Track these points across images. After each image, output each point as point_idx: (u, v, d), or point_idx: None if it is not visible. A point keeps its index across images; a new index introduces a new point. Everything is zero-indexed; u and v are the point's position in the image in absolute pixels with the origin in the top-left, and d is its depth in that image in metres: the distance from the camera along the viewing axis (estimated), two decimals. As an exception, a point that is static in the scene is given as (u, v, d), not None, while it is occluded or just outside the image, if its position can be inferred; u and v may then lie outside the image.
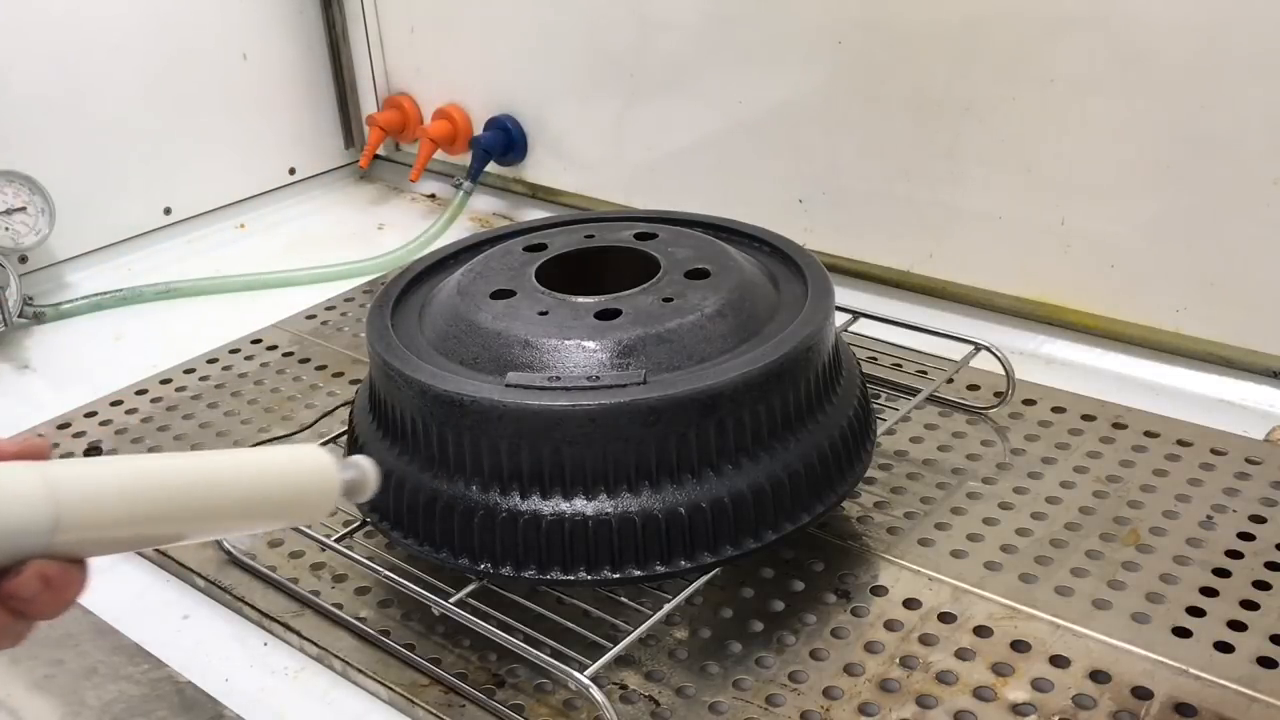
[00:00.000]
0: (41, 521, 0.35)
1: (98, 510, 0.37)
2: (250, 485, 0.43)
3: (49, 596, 0.36)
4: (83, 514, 0.36)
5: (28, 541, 0.35)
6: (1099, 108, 0.92)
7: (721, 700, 0.64)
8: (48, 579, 0.36)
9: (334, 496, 0.46)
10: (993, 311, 1.03)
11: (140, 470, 0.39)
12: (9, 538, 0.35)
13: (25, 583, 0.36)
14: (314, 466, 0.46)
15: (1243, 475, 0.80)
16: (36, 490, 0.35)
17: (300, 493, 0.45)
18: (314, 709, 0.68)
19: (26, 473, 0.36)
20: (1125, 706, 0.62)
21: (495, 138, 1.33)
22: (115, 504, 0.38)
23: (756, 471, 0.66)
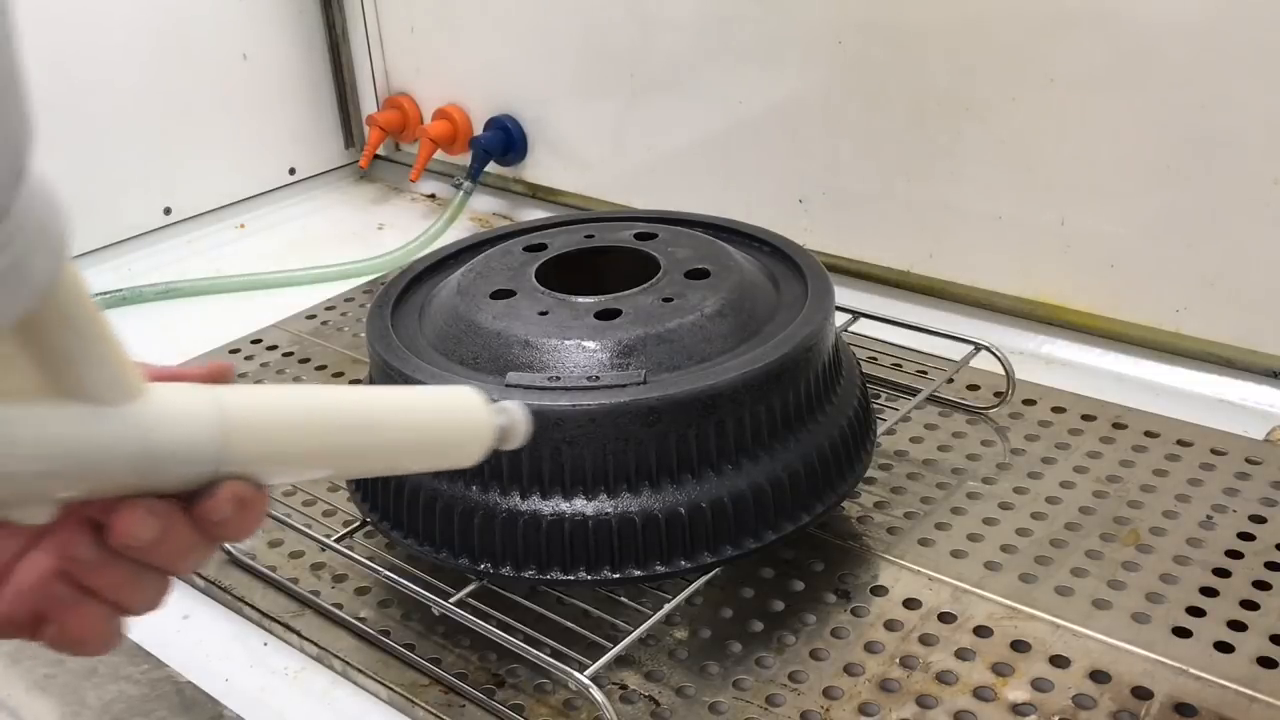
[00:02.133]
0: (213, 443, 0.35)
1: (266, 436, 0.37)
2: (411, 424, 0.43)
3: (241, 518, 0.36)
4: (252, 438, 0.36)
5: (201, 465, 0.35)
6: (1099, 108, 0.92)
7: (721, 700, 0.64)
8: (242, 500, 0.36)
9: (487, 442, 0.45)
10: (993, 311, 1.03)
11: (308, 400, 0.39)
12: (184, 459, 0.34)
13: (220, 503, 0.36)
14: (470, 410, 0.45)
15: (1243, 475, 0.80)
16: (208, 411, 0.35)
17: (456, 436, 0.44)
18: (314, 709, 0.68)
19: (198, 393, 0.36)
20: (1125, 706, 0.62)
21: (495, 138, 1.33)
22: (282, 431, 0.37)
23: (756, 471, 0.66)
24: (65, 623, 0.36)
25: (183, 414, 0.35)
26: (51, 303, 0.31)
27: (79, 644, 0.36)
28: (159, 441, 0.34)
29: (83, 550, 0.35)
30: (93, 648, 0.37)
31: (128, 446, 0.33)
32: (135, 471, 0.34)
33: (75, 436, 0.32)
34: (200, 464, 0.35)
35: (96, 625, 0.36)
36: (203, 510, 0.36)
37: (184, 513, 0.36)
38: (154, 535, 0.35)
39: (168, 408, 0.34)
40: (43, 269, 0.29)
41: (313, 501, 0.82)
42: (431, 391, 0.45)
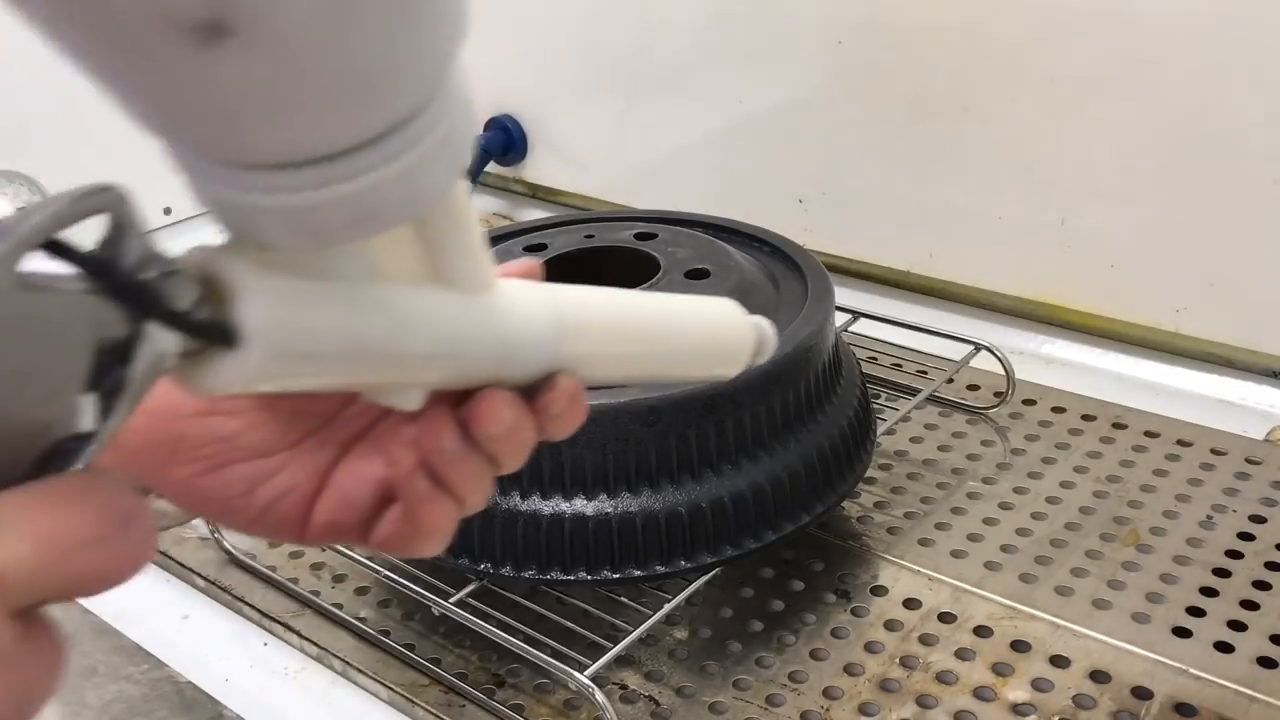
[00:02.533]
0: (553, 336, 0.36)
1: (591, 335, 0.38)
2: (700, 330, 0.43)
3: (571, 412, 0.37)
4: (580, 337, 0.37)
5: (543, 358, 0.36)
6: (1099, 108, 0.92)
7: (721, 700, 0.64)
8: (573, 395, 0.37)
9: (749, 353, 0.45)
10: (993, 311, 1.03)
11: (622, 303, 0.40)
12: (532, 350, 0.35)
13: (560, 395, 0.36)
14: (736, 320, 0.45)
15: (1243, 475, 0.80)
16: (550, 307, 0.36)
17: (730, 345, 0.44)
18: (314, 709, 0.68)
19: (538, 291, 0.36)
20: (1125, 706, 0.62)
21: (495, 138, 1.33)
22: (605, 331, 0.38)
23: (756, 471, 0.66)
24: (419, 516, 0.36)
25: (531, 306, 0.36)
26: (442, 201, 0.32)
27: (425, 538, 0.36)
28: (516, 330, 0.35)
29: (450, 441, 0.35)
30: (435, 543, 0.37)
31: (492, 333, 0.34)
32: (495, 357, 0.34)
33: (455, 321, 0.33)
34: (544, 354, 0.36)
35: (445, 518, 0.36)
36: (544, 402, 0.36)
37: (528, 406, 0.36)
38: (512, 422, 0.35)
39: (517, 301, 0.35)
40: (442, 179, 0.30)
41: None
42: (707, 301, 0.45)
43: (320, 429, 0.37)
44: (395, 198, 0.28)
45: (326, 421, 0.37)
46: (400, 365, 0.32)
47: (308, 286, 0.29)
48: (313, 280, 0.29)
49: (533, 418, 0.36)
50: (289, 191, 0.27)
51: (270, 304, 0.28)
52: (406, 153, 0.28)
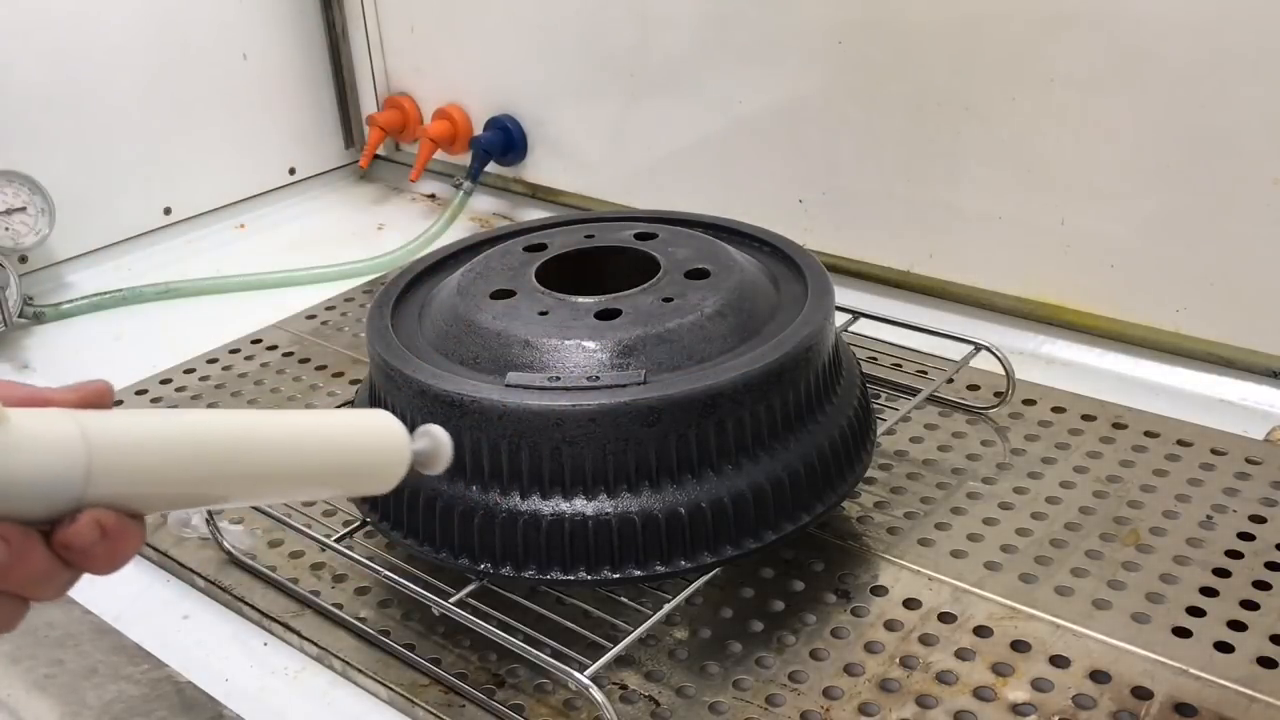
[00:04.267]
0: (75, 470, 0.34)
1: (135, 463, 0.36)
2: (311, 450, 0.41)
3: (105, 547, 0.35)
4: (119, 465, 0.35)
5: (61, 491, 0.34)
6: (1099, 108, 0.92)
7: (721, 700, 0.64)
8: (105, 528, 0.35)
9: (403, 468, 0.44)
10: (993, 311, 1.03)
11: (187, 425, 0.38)
12: (41, 485, 0.34)
13: (81, 531, 0.34)
14: (383, 434, 0.43)
15: (1243, 475, 0.80)
16: (70, 438, 0.34)
17: (367, 462, 0.43)
18: (314, 709, 0.68)
19: (60, 419, 0.35)
20: (1125, 706, 0.62)
21: (495, 138, 1.33)
22: (154, 457, 0.36)
23: (756, 471, 0.66)
24: None
25: (41, 441, 0.34)
26: None
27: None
28: (13, 470, 0.33)
29: None
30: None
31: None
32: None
33: None
34: (61, 492, 0.34)
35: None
36: (62, 538, 0.35)
37: (42, 540, 0.35)
38: (3, 561, 0.34)
39: (24, 436, 0.33)
40: None
41: (312, 501, 0.82)
42: (344, 416, 0.44)
43: None
44: None
45: None
46: None
47: None
48: None
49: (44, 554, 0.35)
50: None
51: None
52: None
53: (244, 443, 0.39)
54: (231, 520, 0.80)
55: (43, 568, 0.35)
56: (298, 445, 0.41)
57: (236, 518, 0.81)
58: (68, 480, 0.34)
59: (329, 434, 0.42)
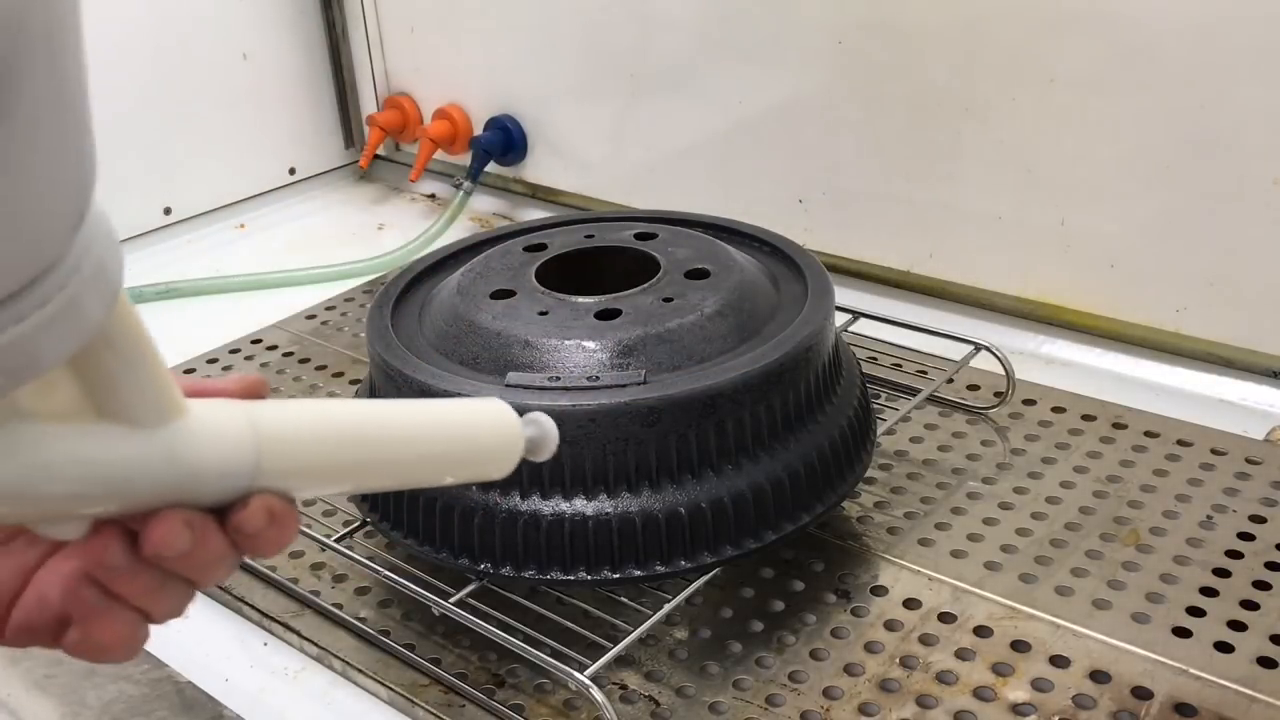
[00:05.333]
0: (247, 460, 0.36)
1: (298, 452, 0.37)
2: (442, 438, 0.43)
3: (273, 532, 0.37)
4: (284, 454, 0.37)
5: (235, 480, 0.36)
6: (1099, 108, 0.92)
7: (721, 700, 0.64)
8: (273, 513, 0.36)
9: (518, 453, 0.45)
10: (993, 311, 1.03)
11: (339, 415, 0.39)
12: (219, 474, 0.35)
13: (252, 516, 0.36)
14: (499, 421, 0.45)
15: (1243, 475, 0.80)
16: (243, 429, 0.36)
17: (487, 448, 0.44)
18: (314, 709, 0.68)
19: (234, 410, 0.36)
20: (1125, 706, 0.62)
21: (495, 138, 1.33)
22: (314, 447, 0.38)
23: (756, 471, 0.66)
24: (90, 628, 0.36)
25: (218, 433, 0.35)
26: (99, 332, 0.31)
27: (103, 650, 0.37)
28: (196, 461, 0.34)
29: (114, 557, 0.35)
30: (116, 654, 0.37)
31: (163, 468, 0.34)
32: (171, 490, 0.34)
33: (108, 459, 0.33)
34: (235, 480, 0.36)
35: (121, 631, 0.37)
36: (234, 522, 0.36)
37: (217, 525, 0.36)
38: (187, 546, 0.35)
39: (204, 427, 0.35)
40: (95, 308, 0.30)
41: (313, 501, 0.82)
42: (462, 404, 0.45)
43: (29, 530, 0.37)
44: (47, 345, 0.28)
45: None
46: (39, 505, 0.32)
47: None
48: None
49: (222, 538, 0.36)
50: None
51: None
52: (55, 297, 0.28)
53: (386, 431, 0.41)
54: (231, 520, 0.80)
55: (218, 551, 0.36)
56: (430, 433, 0.43)
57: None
58: (241, 469, 0.36)
59: (455, 420, 0.44)
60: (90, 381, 0.32)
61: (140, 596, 0.36)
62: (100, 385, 0.32)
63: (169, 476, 0.34)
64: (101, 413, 0.33)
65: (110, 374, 0.32)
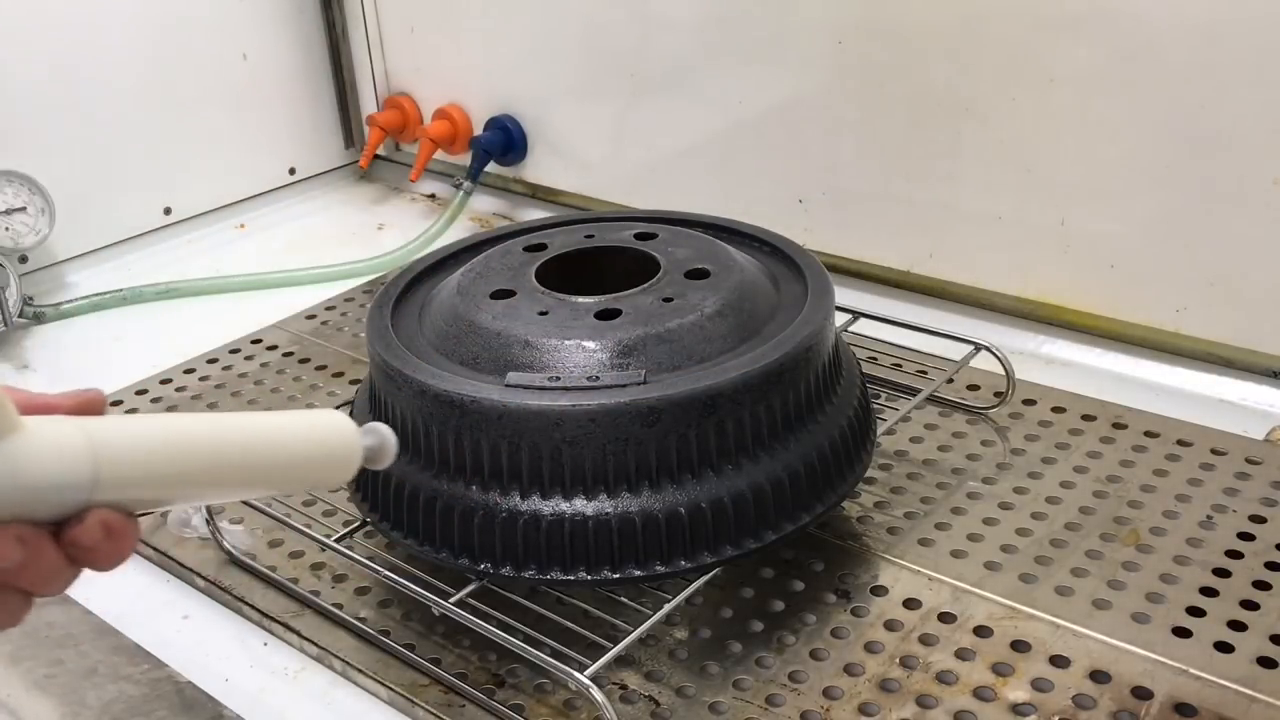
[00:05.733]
0: (84, 475, 0.36)
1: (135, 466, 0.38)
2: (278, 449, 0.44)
3: (109, 546, 0.37)
4: (122, 468, 0.37)
5: (71, 495, 0.36)
6: (1099, 108, 0.92)
7: (721, 700, 0.64)
8: (109, 528, 0.37)
9: (356, 463, 0.47)
10: (993, 311, 1.03)
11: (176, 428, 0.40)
12: (54, 490, 0.36)
13: (88, 530, 0.37)
14: (336, 431, 0.46)
15: (1243, 475, 0.80)
16: (79, 444, 0.36)
17: (325, 458, 0.46)
18: (314, 709, 0.68)
19: (69, 426, 0.37)
20: (1125, 706, 0.62)
21: (495, 138, 1.33)
22: (152, 460, 0.39)
23: (756, 471, 0.66)
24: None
25: (53, 448, 0.36)
26: None
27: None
28: (30, 477, 0.35)
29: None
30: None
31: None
32: (5, 505, 0.35)
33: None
34: (72, 495, 0.36)
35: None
36: (69, 537, 0.37)
37: (51, 539, 0.37)
38: (19, 560, 0.36)
39: (38, 443, 0.36)
40: None
41: (313, 501, 0.82)
42: (301, 415, 0.47)
43: None
44: None
45: None
46: None
47: None
48: None
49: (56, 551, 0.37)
50: None
51: None
52: None
53: (225, 444, 0.42)
54: (231, 520, 0.80)
55: (53, 565, 0.37)
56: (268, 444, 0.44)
57: (236, 517, 0.81)
58: (77, 484, 0.36)
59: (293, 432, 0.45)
60: None
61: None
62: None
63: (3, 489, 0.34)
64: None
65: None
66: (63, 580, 0.38)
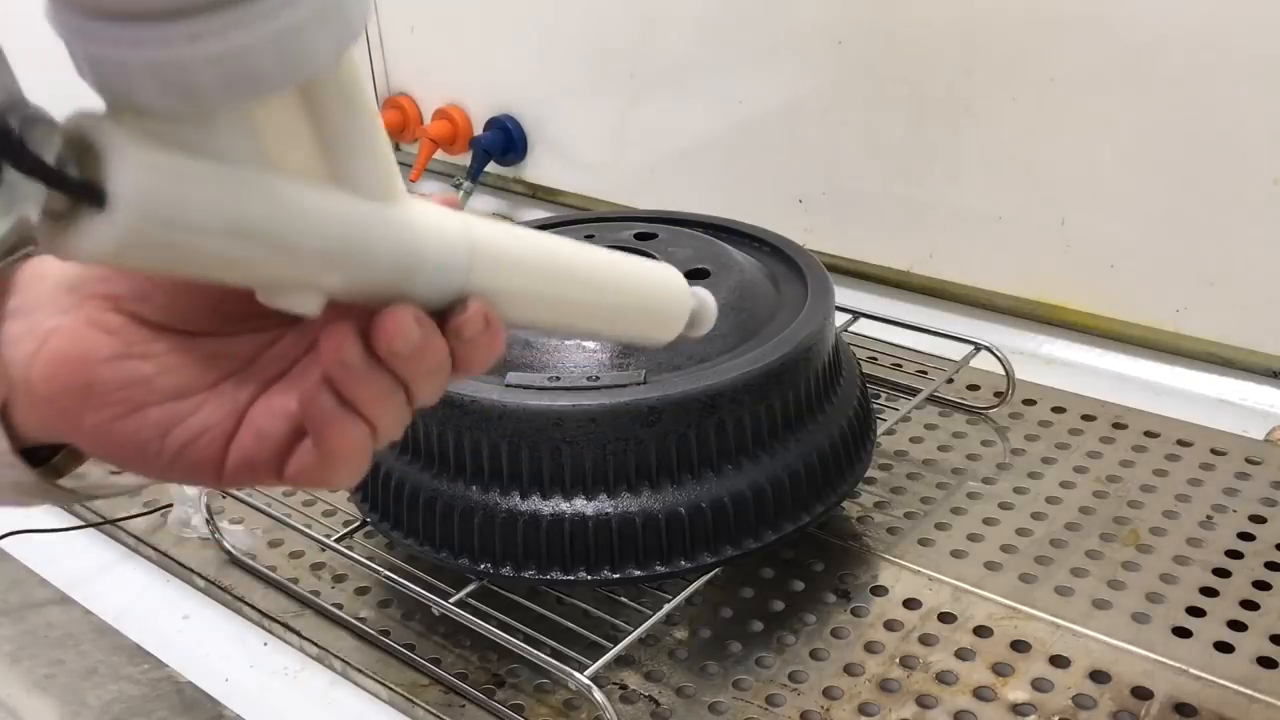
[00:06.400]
0: (461, 256, 0.35)
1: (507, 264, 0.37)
2: (632, 288, 0.43)
3: (487, 339, 0.36)
4: (494, 263, 0.36)
5: (450, 275, 0.35)
6: (1099, 108, 0.92)
7: (721, 700, 0.64)
8: (489, 320, 0.36)
9: (684, 322, 0.45)
10: (993, 311, 1.03)
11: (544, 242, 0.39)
12: (436, 266, 0.34)
13: (473, 318, 0.35)
14: (675, 286, 0.44)
15: (1243, 475, 0.80)
16: (456, 225, 0.35)
17: (665, 308, 0.44)
18: (314, 709, 0.68)
19: (449, 211, 0.36)
20: (1125, 706, 0.62)
21: (495, 138, 1.33)
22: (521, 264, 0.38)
23: (756, 471, 0.66)
24: (328, 438, 0.35)
25: (438, 224, 0.35)
26: (335, 83, 0.31)
27: (338, 463, 0.36)
28: (420, 242, 0.34)
29: (352, 354, 0.34)
30: (348, 470, 0.36)
31: (394, 241, 0.34)
32: (396, 268, 0.34)
33: (351, 221, 0.32)
34: (454, 275, 0.35)
35: (356, 443, 0.35)
36: (455, 325, 0.35)
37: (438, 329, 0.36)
38: (419, 340, 0.34)
39: (426, 215, 0.35)
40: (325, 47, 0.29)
41: (313, 502, 0.82)
42: (649, 264, 0.45)
43: (239, 371, 0.36)
44: (271, 60, 0.28)
45: (246, 364, 0.37)
46: (287, 258, 0.31)
47: (188, 159, 0.28)
48: (196, 157, 0.29)
49: (444, 341, 0.35)
50: (159, 46, 0.26)
51: (143, 167, 0.27)
52: (282, 11, 0.27)
53: (585, 268, 0.40)
54: (231, 520, 0.80)
55: (441, 356, 0.36)
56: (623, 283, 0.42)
57: (237, 518, 0.81)
58: (458, 263, 0.35)
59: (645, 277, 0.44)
60: (328, 138, 0.32)
61: (371, 403, 0.35)
62: (337, 144, 0.32)
63: (396, 253, 0.33)
64: (335, 178, 0.32)
65: (346, 134, 0.32)
66: (443, 378, 0.37)
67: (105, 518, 0.82)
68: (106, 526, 0.82)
